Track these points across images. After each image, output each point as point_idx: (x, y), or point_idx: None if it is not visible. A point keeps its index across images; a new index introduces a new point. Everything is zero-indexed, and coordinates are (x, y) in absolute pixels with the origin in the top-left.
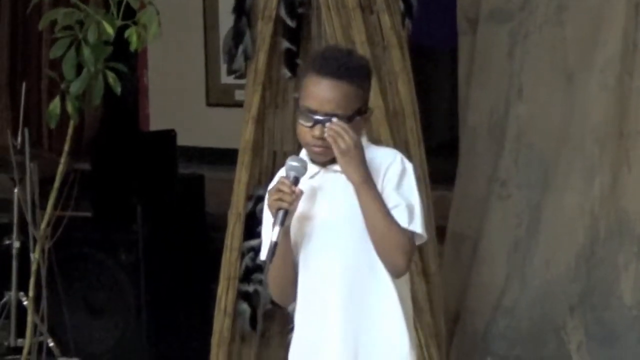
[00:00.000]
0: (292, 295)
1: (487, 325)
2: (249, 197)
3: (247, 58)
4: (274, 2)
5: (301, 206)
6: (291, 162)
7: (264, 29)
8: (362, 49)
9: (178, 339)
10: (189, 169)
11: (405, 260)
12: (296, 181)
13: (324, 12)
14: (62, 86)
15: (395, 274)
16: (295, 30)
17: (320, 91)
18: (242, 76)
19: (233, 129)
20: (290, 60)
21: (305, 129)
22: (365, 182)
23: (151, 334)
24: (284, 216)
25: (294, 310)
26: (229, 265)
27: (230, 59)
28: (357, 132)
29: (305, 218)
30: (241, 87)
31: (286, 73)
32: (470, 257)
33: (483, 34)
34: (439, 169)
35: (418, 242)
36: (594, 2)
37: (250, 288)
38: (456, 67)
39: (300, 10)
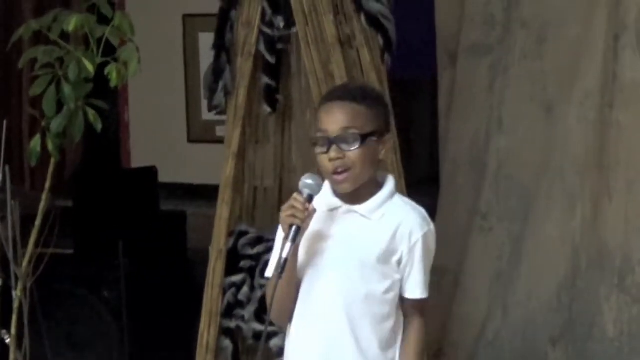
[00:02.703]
0: (290, 316)
1: (469, 358)
2: (230, 233)
3: (227, 94)
4: (254, 38)
5: (313, 232)
6: (306, 179)
7: (243, 65)
8: None
9: None
10: (170, 205)
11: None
12: (310, 199)
13: (304, 48)
14: (43, 123)
15: None
16: (275, 65)
17: (330, 113)
18: (222, 112)
19: (214, 165)
20: (270, 95)
21: (323, 157)
22: None
23: None
24: (296, 233)
25: (275, 346)
26: (211, 301)
27: (211, 95)
28: (376, 159)
29: (315, 247)
30: (222, 123)
31: (266, 109)
32: (452, 290)
33: (463, 67)
34: (420, 202)
35: None
36: (573, 34)
37: (232, 324)
38: (436, 100)
39: (279, 46)
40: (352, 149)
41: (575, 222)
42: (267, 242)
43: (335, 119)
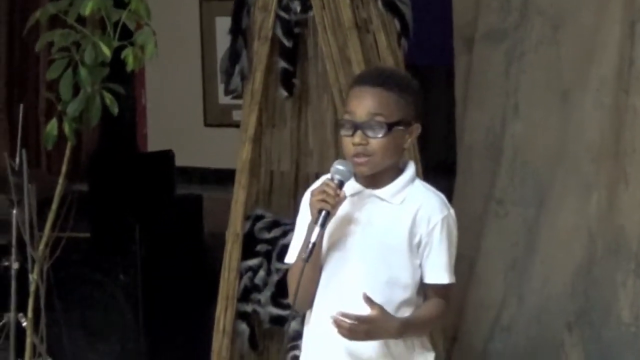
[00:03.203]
0: (310, 302)
1: (485, 344)
2: (246, 217)
3: (243, 78)
4: (271, 22)
5: (336, 218)
6: (338, 165)
7: (260, 49)
8: (359, 69)
9: (177, 359)
10: (187, 189)
11: (447, 317)
12: (341, 185)
13: (321, 32)
14: (60, 107)
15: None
16: (292, 50)
17: (359, 98)
18: (239, 96)
19: (231, 149)
20: (287, 80)
21: (347, 140)
22: (403, 332)
23: (150, 355)
24: (326, 218)
25: (293, 330)
26: (227, 285)
27: (228, 79)
28: (399, 148)
29: (337, 233)
30: (239, 107)
31: (283, 93)
32: (468, 275)
33: (479, 53)
34: (436, 188)
35: None
36: (589, 21)
37: (249, 308)
38: (453, 87)
39: (296, 30)
40: (378, 136)
41: (591, 208)
42: (283, 226)
43: (364, 104)
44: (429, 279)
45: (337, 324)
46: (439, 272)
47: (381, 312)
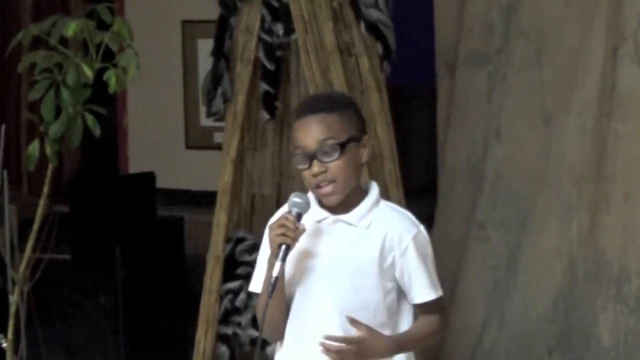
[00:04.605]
0: (281, 332)
1: None
2: (227, 240)
3: (225, 100)
4: (253, 45)
5: (302, 247)
6: (294, 198)
7: (242, 72)
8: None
9: None
10: (168, 211)
11: (444, 333)
12: (299, 217)
13: (303, 55)
14: (41, 128)
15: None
16: (274, 73)
17: (304, 129)
18: (221, 119)
19: (212, 172)
20: (269, 102)
21: (306, 174)
22: (396, 350)
23: None
24: (286, 252)
25: (272, 352)
26: (208, 307)
27: (209, 101)
28: (359, 164)
29: (305, 262)
30: (220, 129)
31: (265, 115)
32: (449, 299)
33: (461, 76)
34: (418, 211)
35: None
36: (571, 45)
37: (229, 330)
38: (434, 110)
39: (278, 53)
40: (333, 159)
41: (572, 232)
42: None
43: (311, 132)
44: (416, 299)
45: (326, 348)
46: (424, 291)
47: (368, 331)
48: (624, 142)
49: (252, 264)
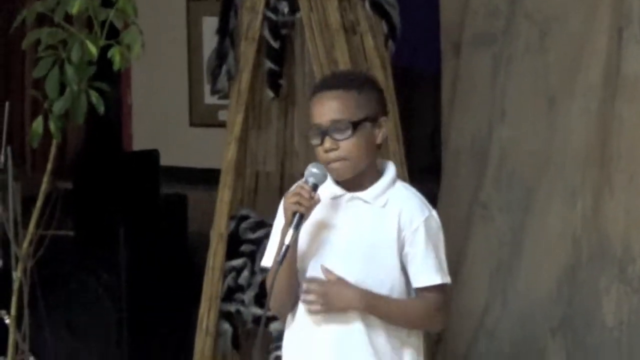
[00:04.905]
0: (289, 306)
1: (468, 347)
2: (231, 217)
3: (230, 78)
4: (258, 23)
5: (317, 221)
6: (312, 168)
7: (247, 50)
8: None
9: (160, 358)
10: (171, 188)
11: (440, 322)
12: (315, 187)
13: (308, 33)
14: (45, 105)
15: (435, 331)
16: (279, 51)
17: (320, 105)
18: (225, 96)
19: (216, 149)
20: (274, 81)
21: (319, 150)
22: (368, 306)
23: (132, 354)
24: (300, 220)
25: (276, 330)
26: (211, 285)
27: (214, 79)
28: (372, 144)
29: (319, 236)
30: (225, 107)
31: (269, 94)
32: (452, 279)
33: (466, 57)
34: (422, 192)
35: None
36: (576, 28)
37: (232, 308)
38: (439, 91)
39: (283, 31)
40: (345, 137)
41: (576, 214)
42: (268, 227)
43: (325, 109)
44: (418, 283)
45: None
46: (425, 275)
47: (339, 279)
48: (628, 125)
49: (255, 242)
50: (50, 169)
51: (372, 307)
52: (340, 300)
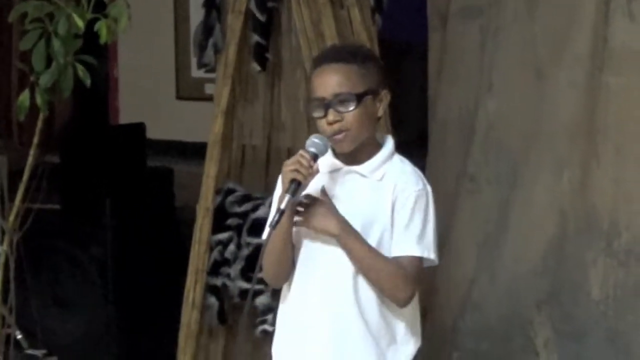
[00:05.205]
0: (284, 278)
1: (455, 321)
2: (217, 191)
3: (217, 51)
4: None
5: (314, 193)
6: (314, 138)
7: (234, 23)
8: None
9: (146, 331)
10: (158, 162)
11: (406, 293)
12: (315, 157)
13: (294, 6)
14: (32, 78)
15: (398, 305)
16: (266, 24)
17: (322, 78)
18: (212, 70)
19: (203, 123)
20: (260, 54)
21: (322, 122)
22: (343, 235)
23: (119, 327)
24: (297, 188)
25: (262, 304)
26: (197, 258)
27: (201, 52)
28: (374, 117)
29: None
30: (211, 80)
31: (256, 67)
32: (439, 251)
33: (453, 29)
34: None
35: (427, 265)
36: None
37: (219, 282)
38: (426, 63)
39: (270, 4)
40: (349, 109)
41: (563, 186)
42: (254, 200)
43: (329, 82)
44: (395, 251)
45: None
46: (409, 245)
47: (330, 203)
48: (616, 96)
49: (241, 216)
50: (37, 142)
51: (346, 237)
52: (320, 220)
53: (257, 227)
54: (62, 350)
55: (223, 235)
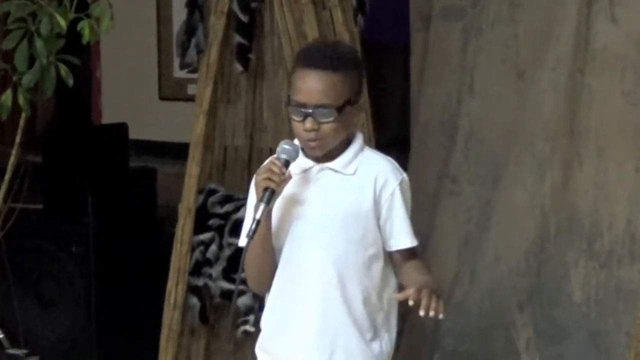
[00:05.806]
0: (267, 282)
1: (436, 322)
2: (199, 191)
3: (199, 52)
4: None
5: (289, 196)
6: (284, 145)
7: (216, 23)
8: None
9: (128, 331)
10: (140, 162)
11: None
12: (287, 164)
13: (277, 7)
14: (14, 78)
15: None
16: (248, 25)
17: (307, 83)
18: (194, 70)
19: (185, 123)
20: (243, 55)
21: (297, 124)
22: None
23: (101, 326)
24: (270, 196)
25: (244, 305)
26: (179, 258)
27: (183, 52)
28: (349, 124)
29: (292, 211)
30: (194, 81)
31: (238, 68)
32: (421, 252)
33: (436, 30)
34: None
35: None
36: (546, 0)
37: (200, 282)
38: (408, 64)
39: (253, 5)
40: (329, 120)
41: (545, 187)
42: (236, 201)
43: (312, 91)
44: (398, 245)
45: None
46: (406, 237)
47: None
48: (597, 98)
49: (223, 216)
50: (19, 142)
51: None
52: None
53: (239, 227)
54: (44, 349)
55: (205, 236)
